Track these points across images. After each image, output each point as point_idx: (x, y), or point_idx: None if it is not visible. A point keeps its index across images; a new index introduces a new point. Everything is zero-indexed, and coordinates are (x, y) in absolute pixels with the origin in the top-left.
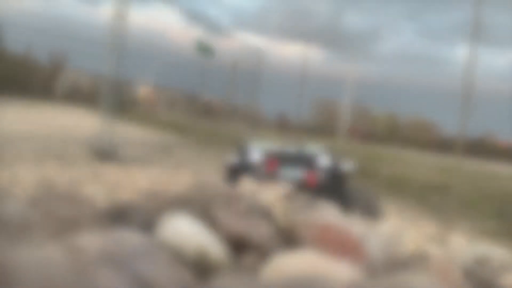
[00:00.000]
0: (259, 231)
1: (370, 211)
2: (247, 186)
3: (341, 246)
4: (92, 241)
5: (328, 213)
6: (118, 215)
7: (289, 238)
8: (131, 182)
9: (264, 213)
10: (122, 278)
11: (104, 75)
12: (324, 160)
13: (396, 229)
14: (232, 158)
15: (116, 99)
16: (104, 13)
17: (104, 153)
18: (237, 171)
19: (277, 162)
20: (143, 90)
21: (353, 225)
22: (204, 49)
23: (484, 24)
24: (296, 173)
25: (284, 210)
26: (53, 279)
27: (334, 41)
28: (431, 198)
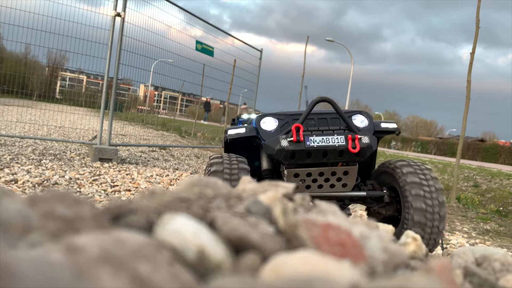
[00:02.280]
0: (259, 231)
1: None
2: (247, 185)
3: (341, 246)
4: (91, 241)
5: (328, 213)
6: (117, 215)
7: (289, 239)
8: (131, 182)
9: (264, 213)
10: (122, 279)
11: (104, 75)
12: (360, 120)
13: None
14: (235, 130)
15: (116, 99)
16: (104, 13)
17: (104, 153)
18: (246, 146)
19: (303, 128)
20: (142, 90)
21: (353, 225)
22: (204, 49)
23: (485, 24)
24: (332, 138)
25: (284, 210)
26: (52, 280)
27: (335, 41)
28: None
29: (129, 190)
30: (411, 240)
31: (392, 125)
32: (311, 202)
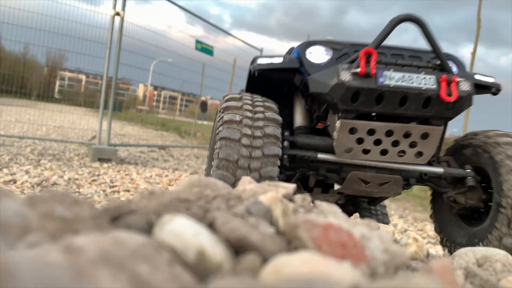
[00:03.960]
0: (259, 232)
1: None
2: (247, 185)
3: (342, 247)
4: (90, 242)
5: (329, 214)
6: (116, 216)
7: (289, 239)
8: (130, 183)
9: (264, 214)
10: (121, 280)
11: (103, 75)
12: (452, 65)
13: (398, 229)
14: (268, 59)
15: (115, 99)
16: (103, 12)
17: (103, 153)
18: (276, 88)
19: (376, 56)
20: (142, 90)
21: (354, 225)
22: (204, 48)
23: (488, 24)
24: (417, 78)
25: (284, 210)
26: (51, 280)
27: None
28: None
29: (128, 191)
30: (412, 241)
31: (490, 80)
32: (312, 203)
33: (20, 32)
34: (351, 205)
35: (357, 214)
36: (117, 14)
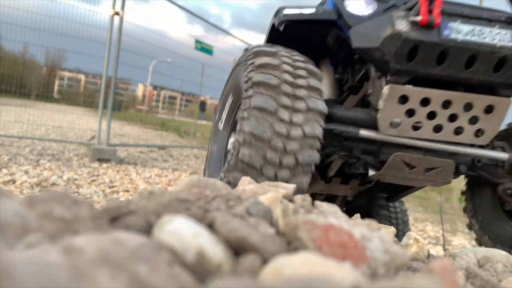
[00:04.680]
0: (259, 232)
1: None
2: (247, 186)
3: (342, 248)
4: (89, 242)
5: (329, 214)
6: (116, 216)
7: (289, 240)
8: (129, 183)
9: (264, 214)
10: (120, 280)
11: (103, 75)
12: None
13: (398, 230)
14: (298, 10)
15: (115, 99)
16: (103, 11)
17: (102, 153)
18: (318, 34)
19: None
20: (141, 90)
21: (354, 226)
22: (203, 48)
23: None
24: (490, 32)
25: (284, 211)
26: (50, 280)
27: None
28: (433, 199)
29: (128, 191)
30: (413, 242)
31: None
32: (312, 204)
33: (20, 32)
34: (366, 202)
35: (358, 215)
36: (116, 13)
